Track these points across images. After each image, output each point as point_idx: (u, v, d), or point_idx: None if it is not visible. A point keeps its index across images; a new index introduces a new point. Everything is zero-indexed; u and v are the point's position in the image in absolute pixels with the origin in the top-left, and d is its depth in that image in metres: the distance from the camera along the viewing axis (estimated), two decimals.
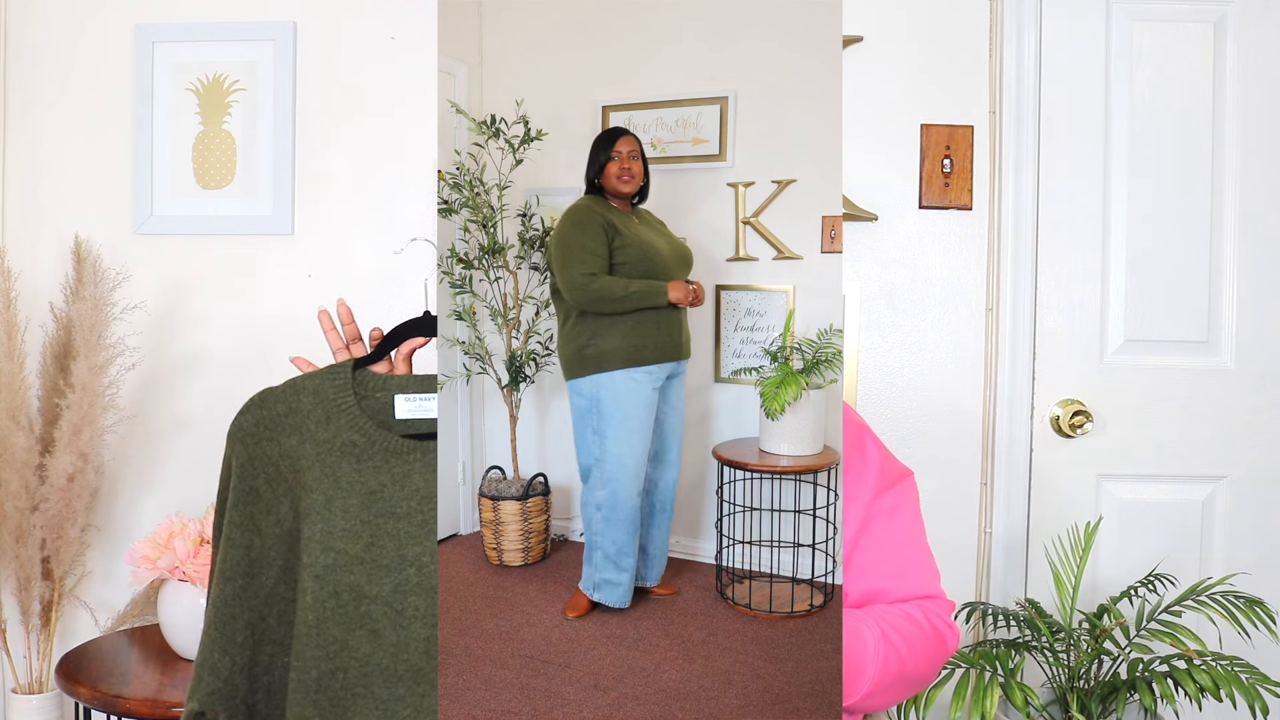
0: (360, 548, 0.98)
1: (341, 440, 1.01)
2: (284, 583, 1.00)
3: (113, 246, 2.21)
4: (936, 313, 2.25)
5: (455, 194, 2.86)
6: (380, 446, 1.02)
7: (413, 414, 1.06)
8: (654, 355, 2.40)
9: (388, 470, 1.01)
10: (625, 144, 2.45)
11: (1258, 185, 2.20)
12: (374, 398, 1.05)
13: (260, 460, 1.01)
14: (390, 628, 0.97)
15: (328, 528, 0.98)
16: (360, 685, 0.97)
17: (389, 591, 0.98)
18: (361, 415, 1.03)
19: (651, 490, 2.59)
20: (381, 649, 0.97)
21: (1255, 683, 1.75)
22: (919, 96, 2.21)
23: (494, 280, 2.95)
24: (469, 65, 3.17)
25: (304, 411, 1.02)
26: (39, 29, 2.26)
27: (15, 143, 2.26)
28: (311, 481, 1.00)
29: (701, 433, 2.98)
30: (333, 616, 0.97)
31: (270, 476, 1.01)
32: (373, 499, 1.00)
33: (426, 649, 0.98)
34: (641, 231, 2.43)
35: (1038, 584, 2.18)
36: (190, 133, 2.25)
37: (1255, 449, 2.23)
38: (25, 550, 2.02)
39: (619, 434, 2.38)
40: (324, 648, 0.97)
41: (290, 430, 1.02)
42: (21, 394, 2.05)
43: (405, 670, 0.97)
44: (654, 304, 2.36)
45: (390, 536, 0.99)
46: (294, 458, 1.01)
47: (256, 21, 2.23)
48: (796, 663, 2.24)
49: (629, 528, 2.46)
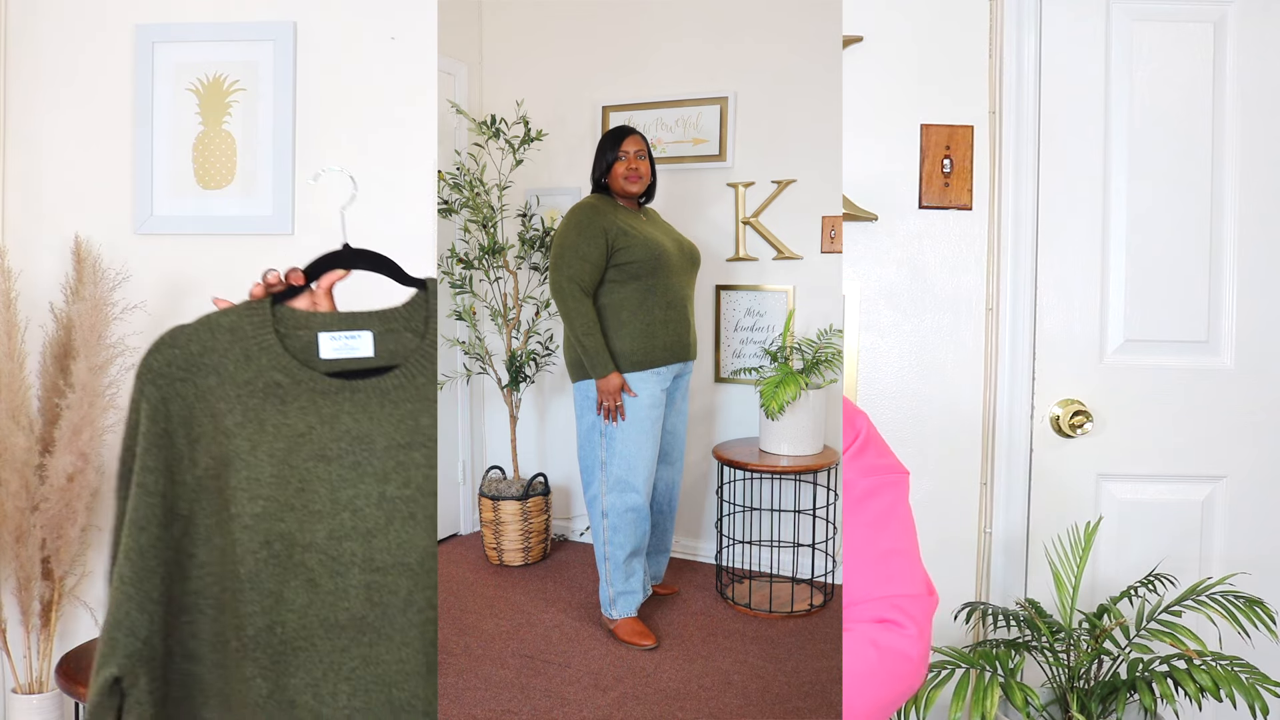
0: (290, 494, 0.92)
1: (264, 380, 0.94)
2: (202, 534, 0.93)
3: (113, 246, 2.21)
4: (936, 313, 2.25)
5: (455, 194, 2.86)
6: (306, 387, 0.95)
7: (339, 353, 0.98)
8: (664, 356, 2.39)
9: (315, 411, 0.94)
10: (632, 143, 2.44)
11: (1258, 185, 2.20)
12: (296, 335, 0.97)
13: (174, 401, 0.93)
14: (327, 576, 0.92)
15: (254, 474, 0.92)
16: (300, 639, 0.92)
17: (323, 538, 0.92)
18: (284, 354, 0.96)
19: (653, 490, 2.58)
20: (320, 599, 0.92)
21: (1255, 683, 1.75)
22: (919, 96, 2.21)
23: (494, 280, 2.95)
24: (469, 65, 3.17)
25: (221, 350, 0.95)
26: (39, 29, 2.26)
27: (16, 143, 2.26)
28: (233, 426, 0.93)
29: (701, 433, 2.98)
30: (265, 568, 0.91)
31: (185, 420, 0.93)
32: (300, 441, 0.93)
33: (368, 595, 0.92)
34: (648, 230, 2.42)
35: (1038, 584, 2.18)
36: (190, 133, 2.25)
37: (1255, 449, 2.23)
38: (25, 550, 2.02)
39: (629, 436, 2.36)
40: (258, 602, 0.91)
41: (208, 370, 0.94)
42: (21, 394, 2.05)
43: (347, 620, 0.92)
44: (591, 372, 2.33)
45: (321, 480, 0.93)
46: (211, 400, 0.93)
47: (256, 21, 2.23)
48: (796, 663, 2.24)
49: (640, 535, 2.42)
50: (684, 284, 2.45)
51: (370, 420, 0.95)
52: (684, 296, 2.45)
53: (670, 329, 2.39)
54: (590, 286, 2.33)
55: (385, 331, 0.99)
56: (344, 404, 0.95)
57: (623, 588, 2.42)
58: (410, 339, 0.99)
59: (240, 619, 0.92)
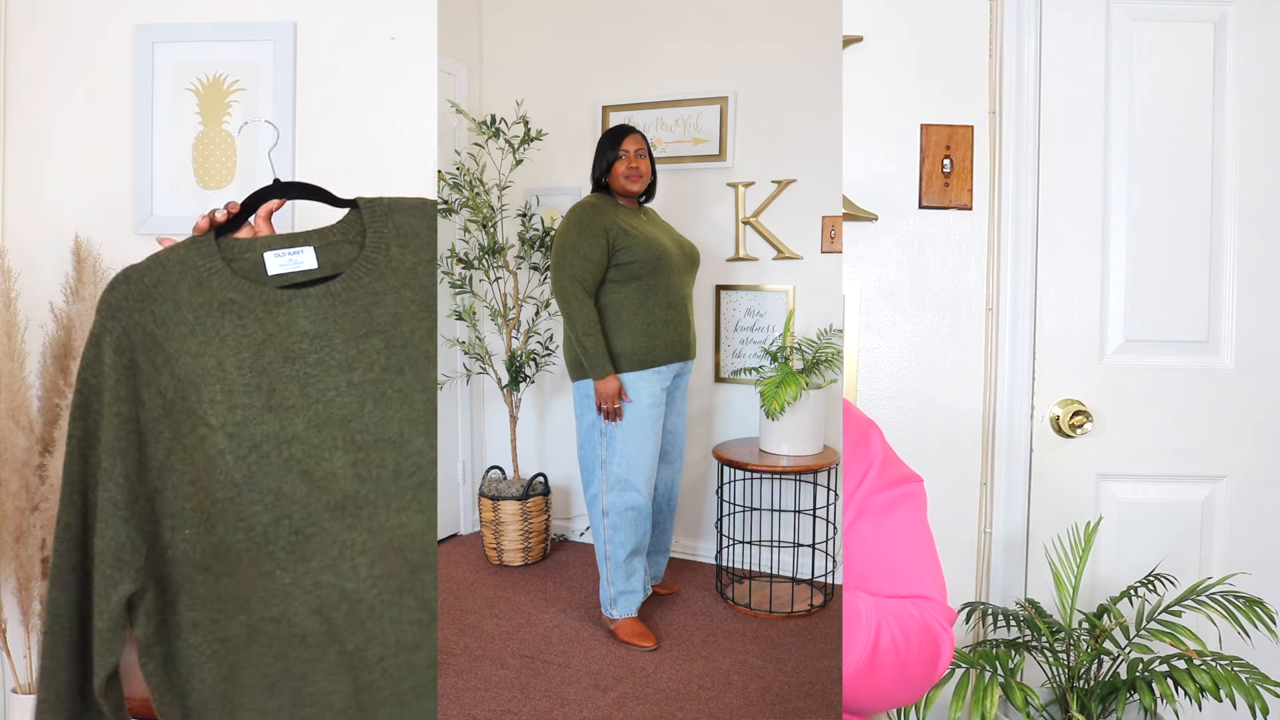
0: (263, 397, 0.98)
1: (218, 300, 1.00)
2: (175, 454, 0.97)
3: (113, 246, 2.21)
4: (936, 313, 2.25)
5: (455, 194, 2.86)
6: (259, 300, 1.01)
7: (284, 268, 1.05)
8: (664, 356, 2.38)
9: (271, 320, 1.00)
10: (632, 142, 2.43)
11: (1258, 185, 2.20)
12: (242, 259, 1.04)
13: (135, 331, 0.99)
14: (315, 463, 0.97)
15: (227, 386, 0.97)
16: (310, 525, 0.96)
17: (303, 429, 0.97)
18: (234, 276, 1.01)
19: (654, 490, 2.57)
20: (317, 486, 0.97)
21: (1255, 683, 1.75)
22: (919, 96, 2.21)
23: (494, 280, 2.95)
24: (469, 65, 3.17)
25: (174, 281, 1.00)
26: (39, 29, 2.26)
27: (16, 143, 2.26)
28: (196, 346, 0.98)
29: (702, 433, 2.98)
30: (260, 468, 0.96)
31: (147, 347, 0.99)
32: (263, 348, 0.99)
33: (356, 472, 0.98)
34: (649, 230, 2.42)
35: (1038, 584, 2.18)
36: (190, 133, 2.25)
37: (1255, 449, 2.23)
38: (25, 550, 2.02)
39: (629, 435, 2.35)
40: (261, 500, 0.95)
41: (163, 299, 1.00)
42: (21, 394, 2.05)
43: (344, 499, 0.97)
44: (589, 372, 2.33)
45: (290, 379, 0.98)
46: (169, 324, 0.99)
47: (256, 21, 2.23)
48: (796, 663, 2.24)
49: (641, 534, 2.42)
50: (684, 284, 2.45)
51: (325, 320, 1.01)
52: (684, 296, 2.44)
53: (671, 328, 2.39)
54: (592, 286, 2.32)
55: (324, 245, 1.06)
56: (298, 309, 1.01)
57: (623, 587, 2.42)
58: (350, 249, 1.07)
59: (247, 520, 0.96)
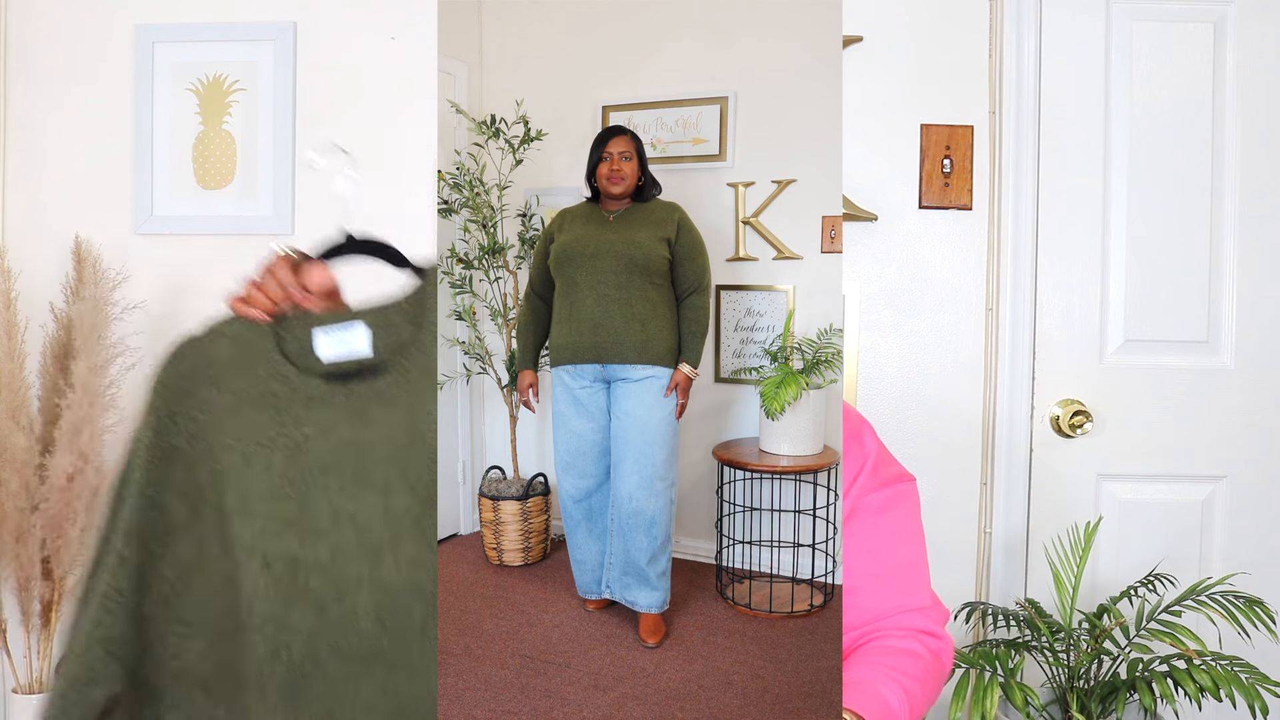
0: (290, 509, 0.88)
1: (259, 390, 0.90)
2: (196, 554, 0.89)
3: (113, 246, 2.20)
4: (936, 313, 2.25)
5: (455, 194, 2.86)
6: (301, 394, 0.90)
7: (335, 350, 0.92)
8: (578, 355, 2.42)
9: (310, 420, 0.90)
10: (617, 144, 2.44)
11: (1258, 185, 2.20)
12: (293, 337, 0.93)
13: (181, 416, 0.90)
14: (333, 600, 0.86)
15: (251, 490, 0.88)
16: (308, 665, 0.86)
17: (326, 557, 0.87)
18: (282, 360, 0.91)
19: (611, 504, 2.48)
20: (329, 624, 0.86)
21: (1255, 683, 1.75)
22: (919, 96, 2.21)
23: (494, 280, 2.95)
24: (469, 65, 3.17)
25: (222, 360, 0.91)
26: (39, 29, 2.26)
27: (16, 143, 2.26)
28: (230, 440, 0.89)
29: (702, 433, 2.98)
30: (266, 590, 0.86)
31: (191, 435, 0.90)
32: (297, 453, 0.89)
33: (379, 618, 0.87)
34: (588, 230, 2.42)
35: (1038, 584, 2.18)
36: (190, 133, 2.25)
37: (1255, 449, 2.23)
38: (25, 550, 2.02)
39: (556, 433, 2.50)
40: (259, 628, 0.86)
41: (207, 382, 0.90)
42: (21, 394, 2.05)
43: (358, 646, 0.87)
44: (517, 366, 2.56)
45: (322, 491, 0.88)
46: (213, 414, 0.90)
47: (256, 21, 2.23)
48: (796, 663, 2.24)
49: (568, 523, 2.56)
50: (614, 284, 2.36)
51: (368, 426, 0.91)
52: (610, 298, 2.36)
53: (575, 328, 2.40)
54: (540, 288, 2.52)
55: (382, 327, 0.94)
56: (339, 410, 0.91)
57: (578, 556, 2.58)
58: (408, 330, 0.95)
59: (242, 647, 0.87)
